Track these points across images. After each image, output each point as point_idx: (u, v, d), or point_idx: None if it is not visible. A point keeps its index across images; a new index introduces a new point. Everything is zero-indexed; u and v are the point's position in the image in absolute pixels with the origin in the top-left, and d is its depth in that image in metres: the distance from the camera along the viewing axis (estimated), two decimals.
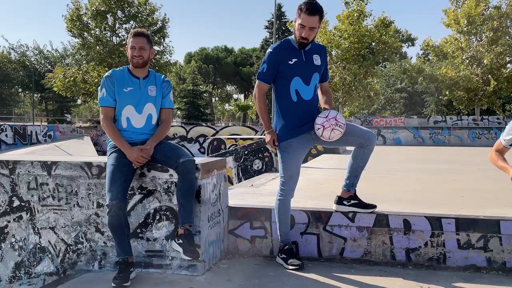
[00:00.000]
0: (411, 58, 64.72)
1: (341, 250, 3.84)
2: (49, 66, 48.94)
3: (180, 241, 3.31)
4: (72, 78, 27.54)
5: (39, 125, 26.46)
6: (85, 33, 27.68)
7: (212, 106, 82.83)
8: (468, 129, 18.17)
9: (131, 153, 3.43)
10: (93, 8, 26.96)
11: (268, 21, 53.91)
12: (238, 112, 63.49)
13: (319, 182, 5.83)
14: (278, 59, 3.56)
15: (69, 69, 28.74)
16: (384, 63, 54.74)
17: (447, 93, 32.39)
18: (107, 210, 3.31)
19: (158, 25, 28.37)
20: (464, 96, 31.69)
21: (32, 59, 53.99)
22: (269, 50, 3.59)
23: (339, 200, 3.83)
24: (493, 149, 3.74)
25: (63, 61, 47.19)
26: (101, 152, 23.91)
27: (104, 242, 3.68)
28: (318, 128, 3.49)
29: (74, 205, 3.72)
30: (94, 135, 25.07)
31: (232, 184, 10.35)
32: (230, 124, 58.17)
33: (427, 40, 32.01)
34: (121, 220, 3.32)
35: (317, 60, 3.65)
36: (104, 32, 28.07)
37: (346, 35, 28.27)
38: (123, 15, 27.71)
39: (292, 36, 3.64)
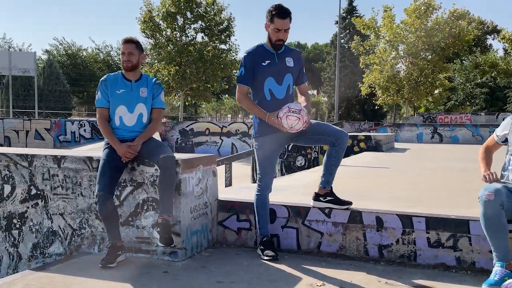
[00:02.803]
0: (496, 50, 60.99)
1: (318, 244, 4.01)
2: None
3: (158, 229, 3.67)
4: None
5: None
6: (157, 34, 29.09)
7: None
8: None
9: (120, 148, 3.84)
10: (163, 10, 28.25)
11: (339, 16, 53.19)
12: None
13: None
14: (253, 62, 3.81)
15: (141, 68, 30.32)
16: (465, 57, 52.07)
17: None
18: (96, 199, 3.74)
19: (224, 24, 29.17)
20: None
21: (116, 59, 57.59)
22: (244, 54, 3.86)
23: (316, 197, 4.00)
24: (484, 144, 3.72)
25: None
26: (169, 147, 25.03)
27: (102, 228, 4.11)
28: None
29: (78, 194, 4.20)
30: (162, 130, 26.30)
31: None
32: None
33: (503, 32, 30.13)
34: (109, 208, 3.73)
35: (289, 62, 3.86)
36: (174, 33, 29.32)
37: (413, 29, 27.37)
38: (192, 15, 28.75)
39: (265, 41, 3.88)
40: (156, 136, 26.98)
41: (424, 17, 27.30)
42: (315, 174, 7.11)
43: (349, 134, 15.65)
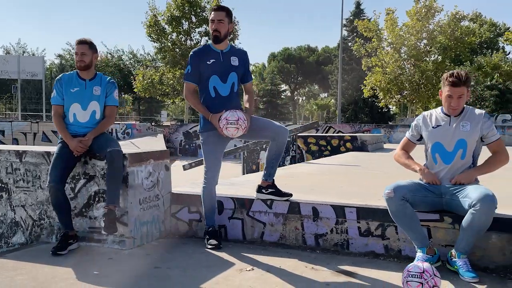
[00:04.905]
0: (508, 53, 60.43)
1: (261, 234, 4.20)
2: (142, 69, 52.49)
3: (104, 218, 3.90)
4: (150, 80, 29.50)
5: (118, 124, 28.67)
6: (162, 37, 29.53)
7: (296, 105, 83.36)
8: None
9: (71, 143, 4.07)
10: (168, 14, 28.68)
11: (346, 19, 53.29)
12: (318, 110, 63.55)
13: (294, 176, 6.15)
14: (198, 61, 4.04)
15: (147, 71, 30.78)
16: (476, 59, 51.67)
17: None
18: (48, 190, 3.99)
19: None
20: None
21: (127, 63, 58.24)
22: (191, 53, 4.09)
23: (259, 189, 4.19)
24: (399, 147, 3.93)
25: (154, 63, 50.31)
26: (173, 149, 25.40)
27: None
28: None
29: (38, 187, 4.45)
30: (167, 132, 26.67)
31: None
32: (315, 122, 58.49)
33: (507, 34, 29.92)
34: (59, 199, 3.97)
35: (234, 61, 4.08)
36: (179, 36, 29.72)
37: (414, 32, 27.38)
38: (196, 19, 29.12)
39: (211, 41, 4.11)
40: (160, 138, 27.15)
41: (425, 19, 27.30)
42: (280, 171, 7.29)
43: (350, 134, 15.60)
